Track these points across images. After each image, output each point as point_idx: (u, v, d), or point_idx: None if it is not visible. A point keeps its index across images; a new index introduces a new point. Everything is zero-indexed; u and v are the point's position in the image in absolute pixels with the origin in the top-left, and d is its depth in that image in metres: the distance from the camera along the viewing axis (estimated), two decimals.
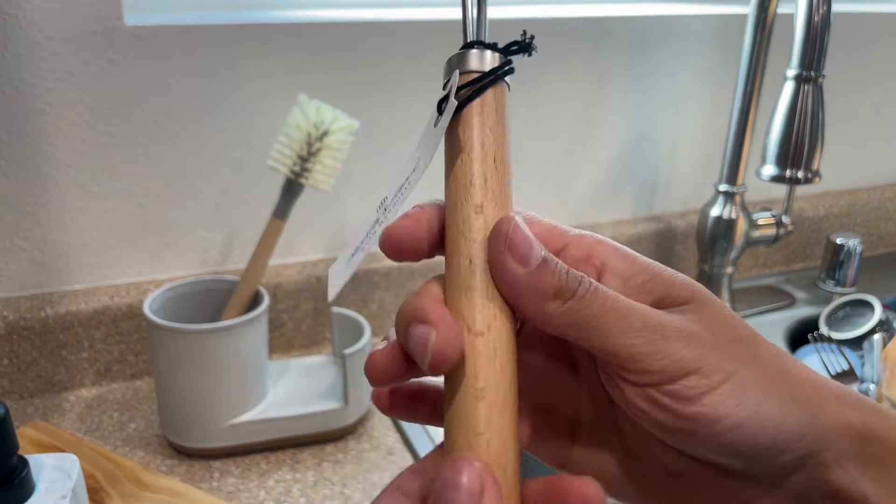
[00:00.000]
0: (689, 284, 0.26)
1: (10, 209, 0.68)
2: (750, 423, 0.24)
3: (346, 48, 0.73)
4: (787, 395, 0.24)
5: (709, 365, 0.24)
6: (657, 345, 0.24)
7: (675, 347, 0.24)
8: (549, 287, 0.24)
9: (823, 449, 0.24)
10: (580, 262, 0.27)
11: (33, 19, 0.63)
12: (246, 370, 0.63)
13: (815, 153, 0.73)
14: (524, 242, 0.24)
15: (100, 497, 0.56)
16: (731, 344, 0.25)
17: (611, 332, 0.24)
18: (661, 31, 0.87)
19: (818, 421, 0.24)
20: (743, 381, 0.24)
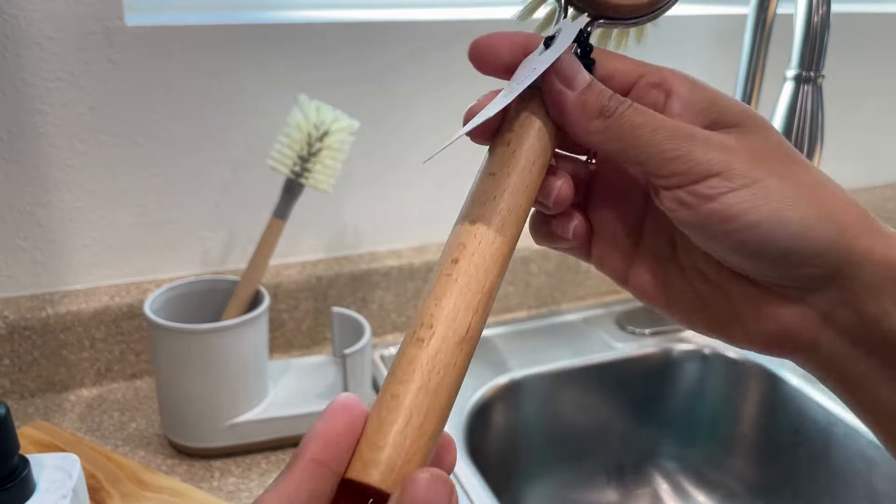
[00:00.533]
0: (743, 111, 0.28)
1: (11, 209, 0.68)
2: (765, 225, 0.26)
3: (346, 48, 0.73)
4: (813, 209, 0.26)
5: (734, 170, 0.26)
6: (683, 149, 0.27)
7: (701, 151, 0.26)
8: (593, 106, 0.28)
9: (851, 274, 0.26)
10: (651, 87, 0.30)
11: (33, 19, 0.63)
12: (246, 370, 0.63)
13: (814, 153, 0.73)
14: (570, 69, 0.28)
15: (100, 497, 0.56)
16: (767, 158, 0.27)
17: (644, 143, 0.27)
18: (661, 31, 0.87)
19: (845, 242, 0.26)
20: (767, 188, 0.26)
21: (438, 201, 0.82)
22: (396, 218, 0.82)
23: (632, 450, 0.84)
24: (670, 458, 0.85)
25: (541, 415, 0.79)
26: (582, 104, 0.28)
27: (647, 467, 0.84)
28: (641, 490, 0.83)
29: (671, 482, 0.84)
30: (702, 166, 0.26)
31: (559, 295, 0.89)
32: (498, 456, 0.76)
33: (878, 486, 0.69)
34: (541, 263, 0.87)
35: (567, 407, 0.81)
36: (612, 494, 0.82)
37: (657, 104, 0.29)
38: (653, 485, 0.84)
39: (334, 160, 0.64)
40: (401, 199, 0.81)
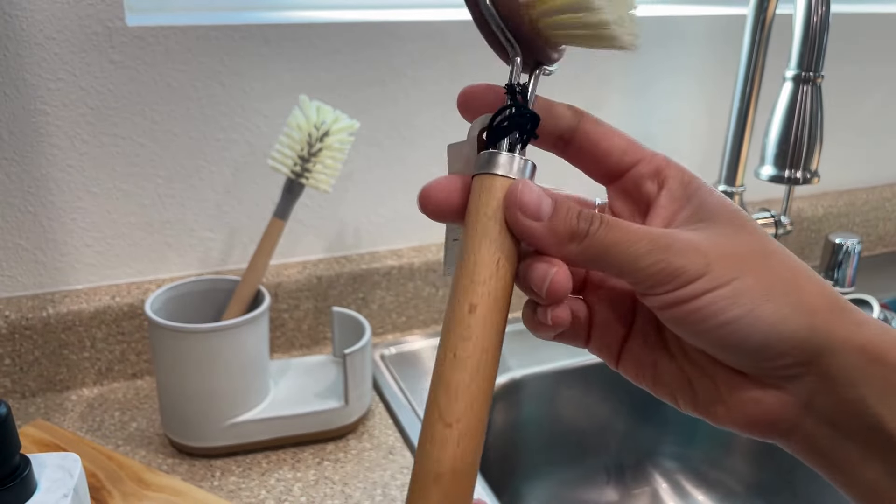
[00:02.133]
0: (719, 206, 0.29)
1: (12, 209, 0.68)
2: (741, 322, 0.27)
3: (347, 48, 0.73)
4: (786, 303, 0.27)
5: (710, 272, 0.27)
6: (661, 262, 0.27)
7: (679, 259, 0.27)
8: (563, 233, 0.28)
9: (827, 363, 0.27)
10: (647, 178, 0.31)
11: (35, 20, 0.63)
12: (247, 369, 0.63)
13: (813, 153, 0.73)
14: (533, 201, 0.28)
15: (101, 496, 0.56)
16: (741, 256, 0.28)
17: (621, 260, 0.28)
18: (661, 32, 0.87)
19: (820, 332, 0.27)
20: (742, 286, 0.27)
21: None
22: (396, 218, 0.82)
23: (632, 450, 0.84)
24: (670, 458, 0.85)
25: (541, 414, 0.79)
26: (552, 233, 0.28)
27: (647, 467, 0.85)
28: (641, 490, 0.83)
29: (671, 482, 0.84)
30: (680, 275, 0.27)
31: None
32: (498, 455, 0.76)
33: None
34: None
35: (567, 407, 0.81)
36: (612, 494, 0.83)
37: (650, 195, 0.31)
38: (653, 484, 0.84)
39: (334, 160, 0.64)
40: (401, 199, 0.81)
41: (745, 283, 0.27)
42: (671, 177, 0.31)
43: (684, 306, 0.27)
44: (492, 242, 0.28)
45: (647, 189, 0.31)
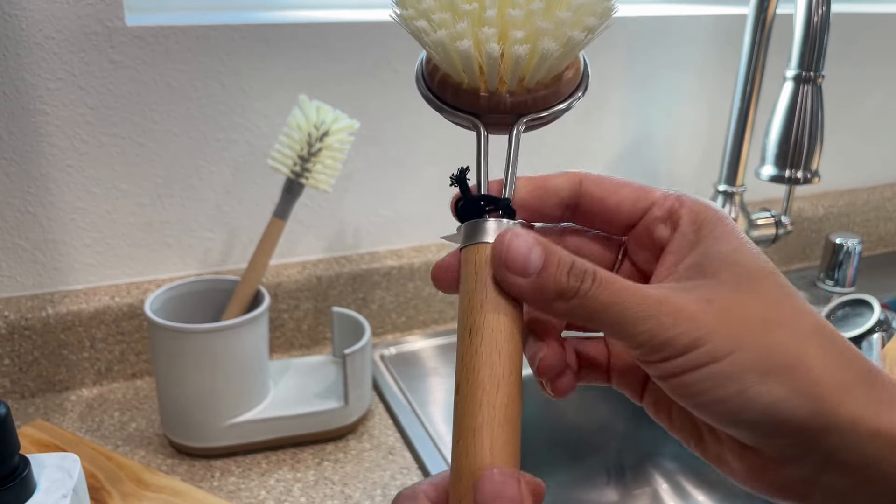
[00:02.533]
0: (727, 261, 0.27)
1: (11, 209, 0.68)
2: (732, 402, 0.25)
3: (346, 48, 0.73)
4: (782, 385, 0.25)
5: (701, 346, 0.25)
6: (653, 330, 0.25)
7: (670, 332, 0.25)
8: (551, 290, 0.26)
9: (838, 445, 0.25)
10: (658, 222, 0.29)
11: (34, 19, 0.63)
12: (246, 370, 0.63)
13: (814, 153, 0.73)
14: (519, 257, 0.26)
15: (101, 496, 0.56)
16: (740, 324, 0.25)
17: (612, 322, 0.26)
18: (661, 32, 0.87)
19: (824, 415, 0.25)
20: (736, 363, 0.25)
21: (438, 201, 0.82)
22: (396, 218, 0.82)
23: (632, 450, 0.84)
24: (670, 458, 0.85)
25: (541, 415, 0.79)
26: (539, 290, 0.26)
27: (648, 467, 0.84)
28: (641, 490, 0.83)
29: (671, 482, 0.84)
30: (670, 346, 0.25)
31: None
32: None
33: None
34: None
35: (567, 407, 0.81)
36: (612, 494, 0.83)
37: (663, 239, 0.29)
38: (653, 485, 0.84)
39: (334, 160, 0.64)
40: (401, 199, 0.81)
41: (738, 359, 0.25)
42: (683, 217, 0.29)
43: (676, 379, 0.26)
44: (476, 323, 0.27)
45: (661, 233, 0.29)
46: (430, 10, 0.29)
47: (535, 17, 0.28)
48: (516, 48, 0.27)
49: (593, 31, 0.29)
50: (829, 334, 0.26)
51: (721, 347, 0.25)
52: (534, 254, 0.26)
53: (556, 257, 0.26)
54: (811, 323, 0.26)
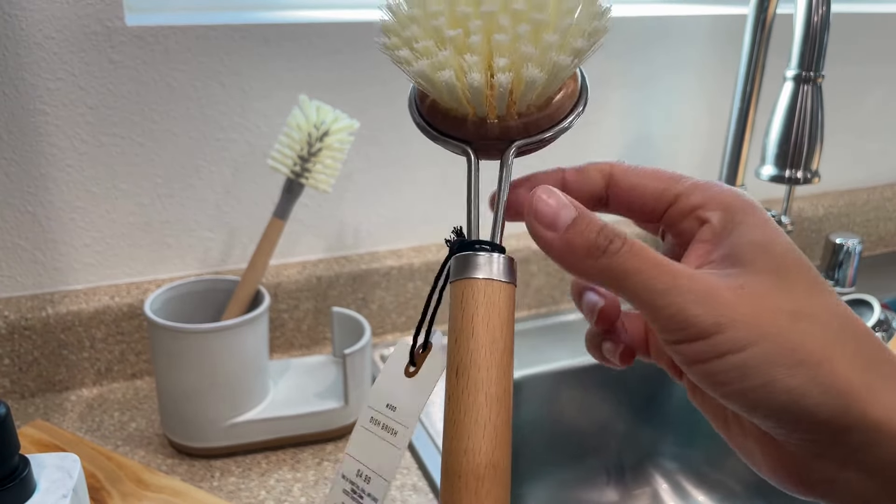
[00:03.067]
0: (761, 249, 0.26)
1: (11, 209, 0.68)
2: (756, 393, 0.24)
3: (346, 48, 0.73)
4: (810, 378, 0.24)
5: (725, 332, 0.24)
6: (678, 304, 0.25)
7: (695, 310, 0.25)
8: (580, 246, 0.26)
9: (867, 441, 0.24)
10: (684, 216, 0.29)
11: (34, 19, 0.63)
12: (246, 370, 0.63)
13: (814, 153, 0.73)
14: (549, 210, 0.27)
15: (101, 496, 0.56)
16: (767, 314, 0.25)
17: (638, 293, 0.26)
18: (661, 32, 0.87)
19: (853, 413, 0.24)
20: (759, 354, 0.24)
21: (438, 201, 0.82)
22: (396, 218, 0.82)
23: (632, 450, 0.84)
24: (670, 458, 0.85)
25: (541, 415, 0.79)
26: (567, 245, 0.26)
27: (647, 467, 0.84)
28: (641, 490, 0.83)
29: (671, 482, 0.84)
30: (693, 325, 0.25)
31: (559, 295, 0.89)
32: None
33: None
34: (541, 263, 0.87)
35: (567, 407, 0.81)
36: (612, 494, 0.83)
37: (692, 231, 0.28)
38: (653, 485, 0.84)
39: (334, 160, 0.64)
40: (401, 199, 0.81)
41: (763, 351, 0.24)
42: (714, 209, 0.28)
43: (700, 367, 0.25)
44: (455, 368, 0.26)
45: (688, 225, 0.29)
46: (414, 38, 0.28)
47: (520, 42, 0.27)
48: (499, 76, 0.27)
49: (581, 55, 0.28)
50: (861, 333, 0.26)
51: (746, 336, 0.24)
52: (565, 210, 0.26)
53: (589, 216, 0.27)
54: (842, 318, 0.26)
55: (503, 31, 0.27)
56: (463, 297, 0.27)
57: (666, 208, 0.29)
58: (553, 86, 0.28)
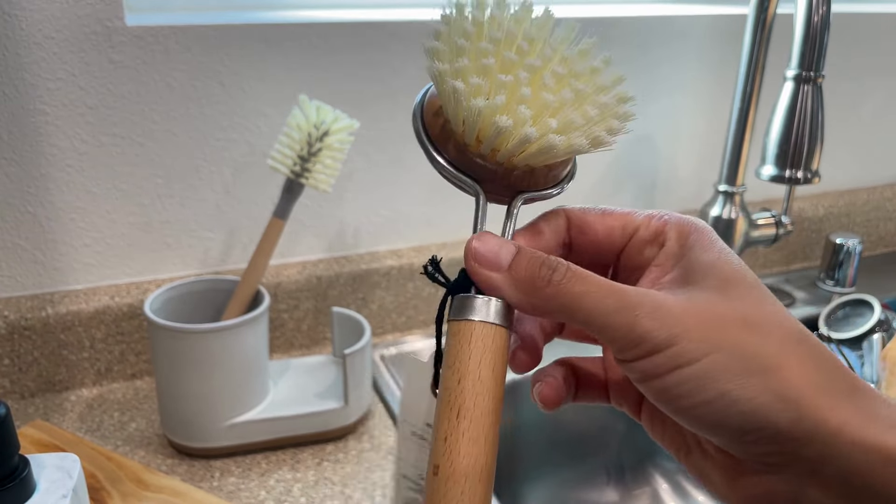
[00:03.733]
0: (710, 268, 0.27)
1: (11, 209, 0.68)
2: (714, 406, 0.24)
3: (346, 48, 0.73)
4: (764, 389, 0.24)
5: (679, 346, 0.25)
6: (628, 322, 0.25)
7: (647, 324, 0.25)
8: (525, 280, 0.26)
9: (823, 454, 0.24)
10: (645, 244, 0.29)
11: (34, 19, 0.63)
12: (246, 370, 0.63)
13: (814, 153, 0.73)
14: (489, 251, 0.27)
15: (101, 496, 0.56)
16: (719, 325, 0.25)
17: (588, 313, 0.26)
18: (661, 31, 0.87)
19: (808, 421, 0.24)
20: (713, 365, 0.24)
21: (438, 201, 0.82)
22: (396, 218, 0.82)
23: (632, 450, 0.84)
24: (670, 459, 0.85)
25: (541, 415, 0.79)
26: (513, 282, 0.27)
27: (647, 467, 0.84)
28: (641, 490, 0.83)
29: (671, 482, 0.84)
30: (647, 339, 0.25)
31: None
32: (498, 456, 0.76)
33: None
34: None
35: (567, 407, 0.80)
36: (612, 494, 0.82)
37: (650, 259, 0.29)
38: (653, 485, 0.84)
39: (334, 160, 0.64)
40: (401, 199, 0.81)
41: (715, 361, 0.24)
42: (669, 235, 0.29)
43: (656, 382, 0.25)
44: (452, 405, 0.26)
45: (648, 254, 0.29)
46: (466, 71, 0.28)
47: (566, 107, 0.28)
48: (552, 137, 0.27)
49: (614, 133, 0.29)
50: (811, 342, 0.26)
51: (699, 347, 0.25)
52: (505, 248, 0.27)
53: (529, 251, 0.27)
54: (793, 329, 0.26)
55: (549, 91, 0.28)
56: (472, 338, 0.27)
57: (627, 241, 0.30)
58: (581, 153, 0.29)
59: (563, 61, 0.29)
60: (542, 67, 0.28)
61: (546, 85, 0.28)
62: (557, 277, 0.26)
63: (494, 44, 0.29)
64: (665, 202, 0.96)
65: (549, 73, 0.28)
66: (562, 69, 0.28)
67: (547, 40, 0.30)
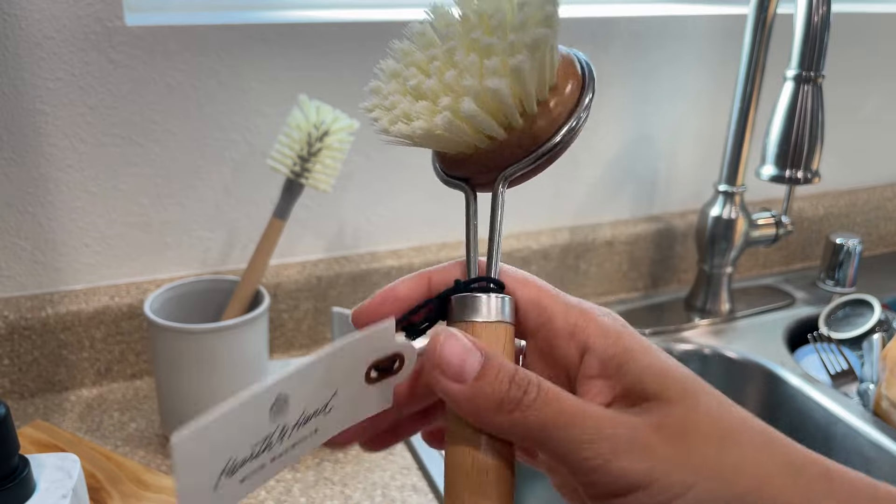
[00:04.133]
0: (662, 375, 0.24)
1: (11, 209, 0.68)
2: None
3: (346, 48, 0.73)
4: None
5: (659, 479, 0.23)
6: (603, 457, 0.23)
7: (624, 462, 0.23)
8: (490, 399, 0.24)
9: None
10: (563, 339, 0.26)
11: (33, 19, 0.63)
12: (246, 370, 0.63)
13: (814, 153, 0.73)
14: (455, 358, 0.24)
15: (100, 497, 0.56)
16: (695, 450, 0.23)
17: (560, 445, 0.23)
18: (661, 32, 0.87)
19: None
20: (700, 494, 0.23)
21: (438, 201, 0.82)
22: (396, 218, 0.82)
23: None
24: None
25: None
26: (476, 398, 0.24)
27: None
28: None
29: None
30: (625, 479, 0.23)
31: None
32: None
33: None
34: (541, 263, 0.87)
35: None
36: None
37: (568, 359, 0.26)
38: None
39: (334, 160, 0.64)
40: (401, 199, 0.81)
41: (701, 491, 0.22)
42: (593, 336, 0.26)
43: None
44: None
45: (565, 351, 0.26)
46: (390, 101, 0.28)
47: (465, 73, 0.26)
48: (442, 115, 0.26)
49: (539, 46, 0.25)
50: (780, 439, 0.24)
51: (682, 480, 0.23)
52: (471, 357, 0.24)
53: (498, 362, 0.24)
54: (761, 431, 0.24)
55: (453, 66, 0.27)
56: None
57: (542, 324, 0.27)
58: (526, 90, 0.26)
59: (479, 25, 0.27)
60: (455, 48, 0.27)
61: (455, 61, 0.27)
62: (528, 400, 0.23)
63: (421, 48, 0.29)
64: (665, 202, 0.96)
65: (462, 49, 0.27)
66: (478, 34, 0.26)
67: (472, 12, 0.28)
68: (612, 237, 0.91)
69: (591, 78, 0.28)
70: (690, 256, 0.97)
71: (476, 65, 0.26)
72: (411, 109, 0.27)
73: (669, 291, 0.96)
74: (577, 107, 0.28)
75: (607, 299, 0.93)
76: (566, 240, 0.89)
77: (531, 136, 0.27)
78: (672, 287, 0.97)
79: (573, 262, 0.90)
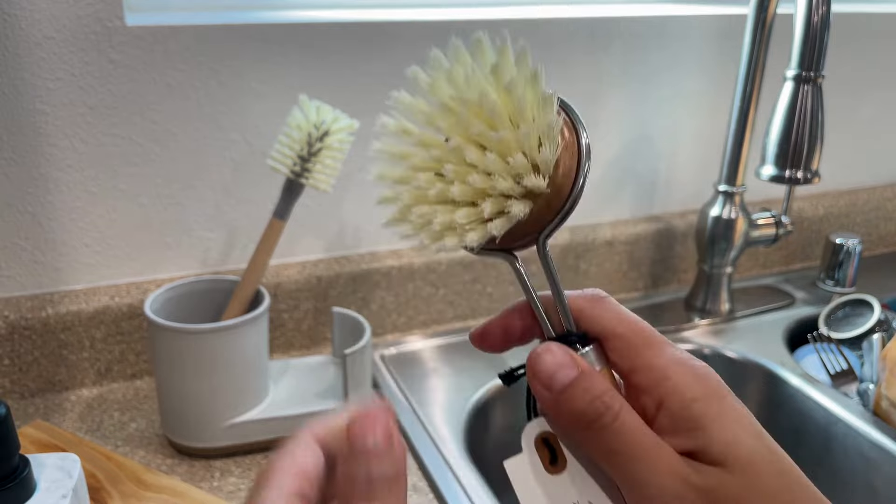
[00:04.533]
0: (732, 444, 0.25)
1: (11, 209, 0.68)
2: None
3: (346, 48, 0.73)
4: None
5: None
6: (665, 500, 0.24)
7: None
8: (570, 412, 0.25)
9: None
10: (641, 393, 0.26)
11: (33, 19, 0.63)
12: (246, 370, 0.63)
13: (814, 153, 0.73)
14: (546, 368, 0.26)
15: (101, 496, 0.56)
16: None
17: (632, 471, 0.24)
18: (661, 32, 0.87)
19: None
20: None
21: None
22: None
23: None
24: None
25: None
26: (557, 407, 0.25)
27: None
28: None
29: None
30: None
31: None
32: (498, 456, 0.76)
33: (878, 487, 0.69)
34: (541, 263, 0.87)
35: None
36: None
37: (647, 412, 0.26)
38: None
39: (334, 160, 0.64)
40: None
41: None
42: (670, 395, 0.26)
43: None
44: None
45: (643, 403, 0.26)
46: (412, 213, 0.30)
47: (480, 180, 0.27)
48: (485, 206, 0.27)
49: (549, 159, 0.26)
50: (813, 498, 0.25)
51: None
52: (562, 371, 0.26)
53: (588, 379, 0.25)
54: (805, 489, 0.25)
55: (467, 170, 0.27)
56: None
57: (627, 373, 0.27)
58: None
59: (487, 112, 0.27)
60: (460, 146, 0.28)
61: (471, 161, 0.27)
62: (603, 423, 0.24)
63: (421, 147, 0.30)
64: (665, 202, 0.96)
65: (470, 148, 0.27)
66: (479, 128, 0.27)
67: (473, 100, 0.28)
68: (612, 237, 0.91)
69: (576, 116, 0.28)
70: (690, 256, 0.97)
71: (498, 163, 0.27)
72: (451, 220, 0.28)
73: (669, 291, 0.96)
74: (580, 149, 0.28)
75: None
76: (566, 240, 0.89)
77: (556, 194, 0.28)
78: (672, 287, 0.97)
79: (573, 262, 0.90)
